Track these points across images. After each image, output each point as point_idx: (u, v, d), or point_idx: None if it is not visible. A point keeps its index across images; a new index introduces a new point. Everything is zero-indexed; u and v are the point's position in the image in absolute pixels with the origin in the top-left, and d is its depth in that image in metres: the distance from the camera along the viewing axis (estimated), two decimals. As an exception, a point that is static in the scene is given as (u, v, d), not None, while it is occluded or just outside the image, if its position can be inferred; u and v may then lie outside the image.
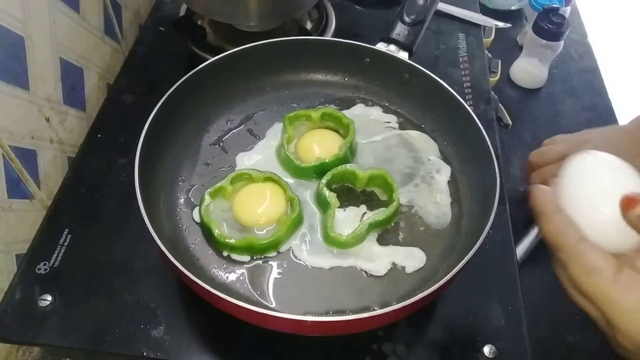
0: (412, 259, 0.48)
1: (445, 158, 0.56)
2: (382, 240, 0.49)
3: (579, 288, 0.31)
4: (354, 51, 0.60)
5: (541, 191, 0.35)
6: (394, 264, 0.48)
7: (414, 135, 0.58)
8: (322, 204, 0.50)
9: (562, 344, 0.55)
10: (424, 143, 0.57)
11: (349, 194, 0.52)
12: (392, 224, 0.50)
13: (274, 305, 0.45)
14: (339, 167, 0.51)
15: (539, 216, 0.34)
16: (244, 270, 0.47)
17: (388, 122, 0.59)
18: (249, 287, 0.46)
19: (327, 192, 0.49)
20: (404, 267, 0.48)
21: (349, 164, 0.52)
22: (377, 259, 0.48)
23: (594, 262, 0.30)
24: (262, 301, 0.46)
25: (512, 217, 0.56)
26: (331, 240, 0.48)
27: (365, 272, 0.47)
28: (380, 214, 0.49)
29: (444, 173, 0.54)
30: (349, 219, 0.50)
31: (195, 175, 0.54)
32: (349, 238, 0.47)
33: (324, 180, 0.50)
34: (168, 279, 0.51)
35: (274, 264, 0.48)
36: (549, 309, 0.57)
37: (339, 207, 0.49)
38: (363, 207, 0.51)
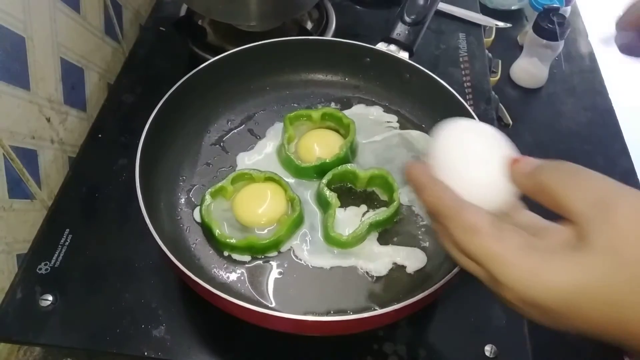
0: (412, 258, 0.48)
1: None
2: (383, 240, 0.49)
3: (463, 249, 0.31)
4: (355, 51, 0.60)
5: (414, 166, 0.35)
6: (394, 263, 0.48)
7: (414, 134, 0.58)
8: (323, 203, 0.50)
9: (563, 344, 0.55)
10: (424, 142, 0.57)
11: (350, 194, 0.52)
12: (393, 224, 0.50)
13: (274, 305, 0.45)
14: (339, 167, 0.51)
15: (416, 191, 0.34)
16: (245, 270, 0.47)
17: (388, 122, 0.59)
18: (250, 287, 0.46)
19: (327, 192, 0.49)
20: (404, 267, 0.48)
21: (349, 164, 0.52)
22: (378, 258, 0.48)
23: (474, 220, 0.30)
24: (263, 301, 0.46)
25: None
26: (332, 240, 0.48)
27: (366, 272, 0.48)
28: (381, 213, 0.49)
29: None
30: (349, 219, 0.50)
31: (196, 175, 0.54)
32: (349, 238, 0.47)
33: (324, 180, 0.50)
34: (169, 278, 0.51)
35: (275, 263, 0.48)
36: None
37: (340, 206, 0.49)
38: (363, 207, 0.51)
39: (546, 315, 0.28)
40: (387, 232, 0.50)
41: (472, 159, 0.34)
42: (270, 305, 0.45)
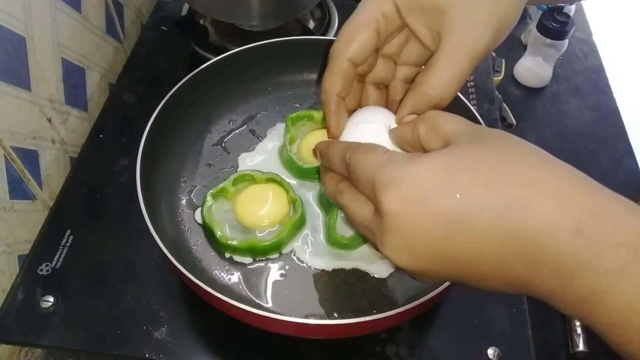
0: None
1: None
2: None
3: (357, 172, 0.31)
4: (357, 51, 0.60)
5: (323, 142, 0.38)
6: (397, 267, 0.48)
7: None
8: (325, 205, 0.49)
9: (567, 346, 0.54)
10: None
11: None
12: None
13: (275, 307, 0.45)
14: None
15: (320, 154, 0.37)
16: (246, 272, 0.47)
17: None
18: (251, 289, 0.46)
19: None
20: None
21: None
22: (381, 261, 0.48)
23: (372, 146, 0.32)
24: (264, 303, 0.45)
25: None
26: (334, 242, 0.48)
27: (368, 274, 0.47)
28: None
29: None
30: (352, 221, 0.50)
31: (198, 176, 0.54)
32: (351, 239, 0.47)
33: None
34: (170, 280, 0.51)
35: (276, 265, 0.47)
36: (553, 311, 0.56)
37: None
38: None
39: (432, 209, 0.27)
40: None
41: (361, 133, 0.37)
42: (271, 308, 0.45)
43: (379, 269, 0.47)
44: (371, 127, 0.37)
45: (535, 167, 0.26)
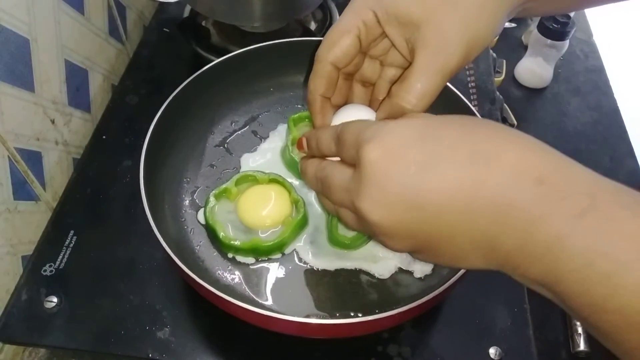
0: (420, 262, 0.48)
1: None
2: None
3: (348, 140, 0.32)
4: (359, 52, 0.60)
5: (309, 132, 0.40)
6: (399, 268, 0.48)
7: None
8: None
9: (568, 346, 0.55)
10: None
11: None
12: None
13: (278, 307, 0.45)
14: None
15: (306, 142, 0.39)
16: (249, 272, 0.47)
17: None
18: (254, 289, 0.46)
19: None
20: (412, 272, 0.48)
21: None
22: (382, 261, 0.48)
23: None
24: (266, 303, 0.46)
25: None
26: (336, 241, 0.48)
27: (370, 274, 0.47)
28: None
29: None
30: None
31: (200, 177, 0.54)
32: (353, 239, 0.47)
33: None
34: (173, 280, 0.51)
35: (279, 265, 0.48)
36: (555, 310, 0.57)
37: None
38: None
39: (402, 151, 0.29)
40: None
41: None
42: (273, 308, 0.45)
43: (381, 269, 0.47)
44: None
45: (501, 130, 0.29)
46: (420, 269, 0.48)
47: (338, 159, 0.35)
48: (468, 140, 0.29)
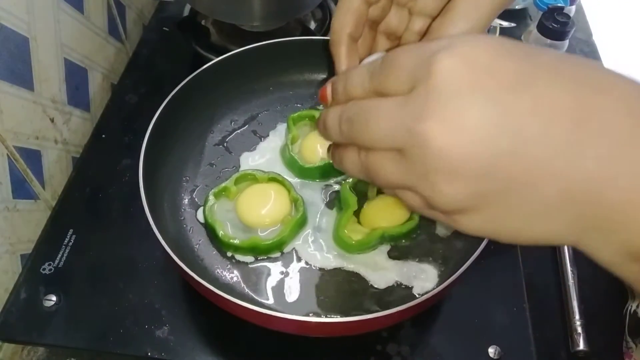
0: (421, 279, 0.46)
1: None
2: (394, 255, 0.48)
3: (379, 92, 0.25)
4: (358, 51, 0.60)
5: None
6: (397, 282, 0.46)
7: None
8: (343, 202, 0.49)
9: (567, 345, 0.55)
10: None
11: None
12: (410, 240, 0.48)
13: (277, 305, 0.45)
14: None
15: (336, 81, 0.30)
16: (248, 271, 0.47)
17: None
18: (253, 287, 0.46)
19: (349, 193, 0.48)
20: (410, 288, 0.46)
21: None
22: (382, 271, 0.47)
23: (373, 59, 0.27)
24: (266, 302, 0.46)
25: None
26: (340, 240, 0.47)
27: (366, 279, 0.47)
28: (395, 228, 0.47)
29: None
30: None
31: (200, 176, 0.54)
32: (356, 243, 0.46)
33: (350, 180, 0.49)
34: (172, 279, 0.51)
35: (278, 264, 0.48)
36: (555, 310, 0.57)
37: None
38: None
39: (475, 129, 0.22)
40: (401, 248, 0.48)
41: None
42: (272, 306, 0.45)
43: (379, 279, 0.46)
44: None
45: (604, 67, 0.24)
46: (421, 285, 0.46)
47: None
48: (569, 65, 0.22)
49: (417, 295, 0.45)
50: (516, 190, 0.22)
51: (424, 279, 0.46)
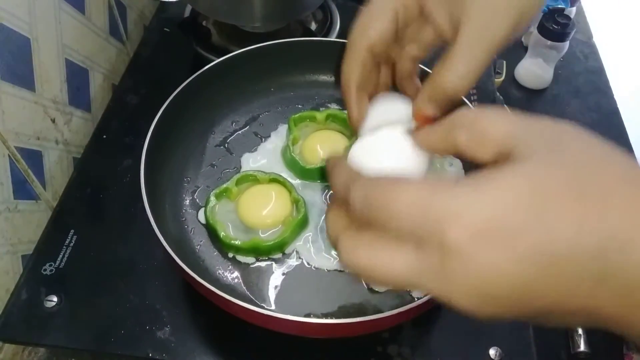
0: None
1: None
2: None
3: (386, 217, 0.23)
4: (359, 52, 0.60)
5: (332, 158, 0.31)
6: None
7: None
8: None
9: (568, 347, 0.55)
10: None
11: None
12: None
13: (278, 306, 0.45)
14: None
15: (329, 172, 0.29)
16: (249, 272, 0.47)
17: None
18: (254, 288, 0.46)
19: None
20: (409, 291, 0.46)
21: None
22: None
23: (394, 177, 0.24)
24: (266, 303, 0.46)
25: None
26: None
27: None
28: None
29: (457, 165, 0.54)
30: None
31: (201, 177, 0.54)
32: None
33: None
34: (173, 280, 0.51)
35: (279, 265, 0.48)
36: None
37: None
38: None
39: (515, 244, 0.21)
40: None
41: (383, 141, 0.33)
42: (274, 307, 0.45)
43: None
44: (389, 135, 0.33)
45: (631, 186, 0.22)
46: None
47: None
48: (595, 222, 0.21)
49: (416, 299, 0.45)
50: (543, 318, 0.23)
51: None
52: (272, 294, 0.46)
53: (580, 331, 0.56)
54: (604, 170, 0.22)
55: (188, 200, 0.52)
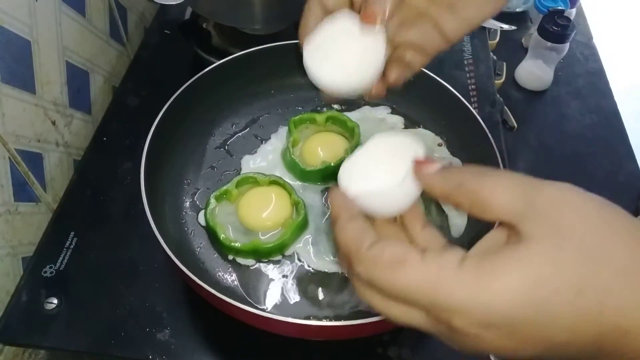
0: None
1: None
2: None
3: (390, 292, 0.26)
4: (359, 54, 0.60)
5: (337, 195, 0.31)
6: None
7: (422, 132, 0.58)
8: None
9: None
10: (431, 140, 0.57)
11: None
12: None
13: (277, 309, 0.45)
14: None
15: (333, 223, 0.30)
16: (249, 274, 0.47)
17: (394, 125, 0.59)
18: (254, 290, 0.46)
19: None
20: None
21: None
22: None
23: (397, 254, 0.26)
24: (267, 305, 0.46)
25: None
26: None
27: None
28: None
29: (456, 164, 0.54)
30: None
31: (201, 179, 0.54)
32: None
33: None
34: (173, 282, 0.51)
35: (279, 267, 0.48)
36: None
37: None
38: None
39: (516, 333, 0.24)
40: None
41: (378, 162, 0.33)
42: (273, 309, 0.45)
43: None
44: (385, 154, 0.33)
45: (628, 278, 0.23)
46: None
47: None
48: (596, 315, 0.23)
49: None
50: None
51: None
52: (271, 296, 0.46)
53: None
54: (605, 261, 0.23)
55: (188, 203, 0.52)
